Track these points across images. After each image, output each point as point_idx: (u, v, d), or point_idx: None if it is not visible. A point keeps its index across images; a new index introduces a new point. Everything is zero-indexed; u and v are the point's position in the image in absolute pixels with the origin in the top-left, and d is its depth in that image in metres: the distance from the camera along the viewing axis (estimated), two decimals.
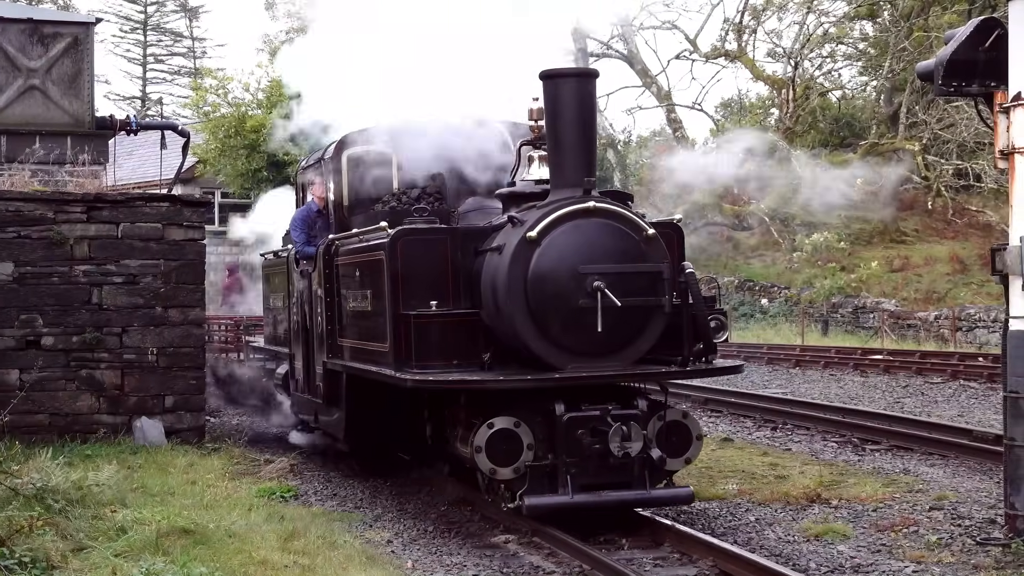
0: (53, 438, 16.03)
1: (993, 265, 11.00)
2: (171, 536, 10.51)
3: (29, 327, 16.77)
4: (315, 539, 10.95)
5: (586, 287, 10.21)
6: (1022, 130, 10.55)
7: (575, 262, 10.31)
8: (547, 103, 11.10)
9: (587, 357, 10.57)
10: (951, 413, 20.47)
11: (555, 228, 10.37)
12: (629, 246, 10.61)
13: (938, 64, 11.06)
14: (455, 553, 10.86)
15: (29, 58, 21.49)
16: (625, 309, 10.34)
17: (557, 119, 10.89)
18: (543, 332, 10.44)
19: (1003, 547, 10.48)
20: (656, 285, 10.53)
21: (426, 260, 11.28)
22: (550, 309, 10.42)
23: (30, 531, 10.32)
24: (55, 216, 16.96)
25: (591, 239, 10.48)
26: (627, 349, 10.75)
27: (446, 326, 10.96)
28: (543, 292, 10.34)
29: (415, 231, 11.42)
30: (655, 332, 10.84)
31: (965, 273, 45.14)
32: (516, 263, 10.29)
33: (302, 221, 14.68)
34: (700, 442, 11.23)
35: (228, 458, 15.72)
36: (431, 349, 10.80)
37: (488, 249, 11.10)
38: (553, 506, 10.14)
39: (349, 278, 12.99)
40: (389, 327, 11.26)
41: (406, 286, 11.10)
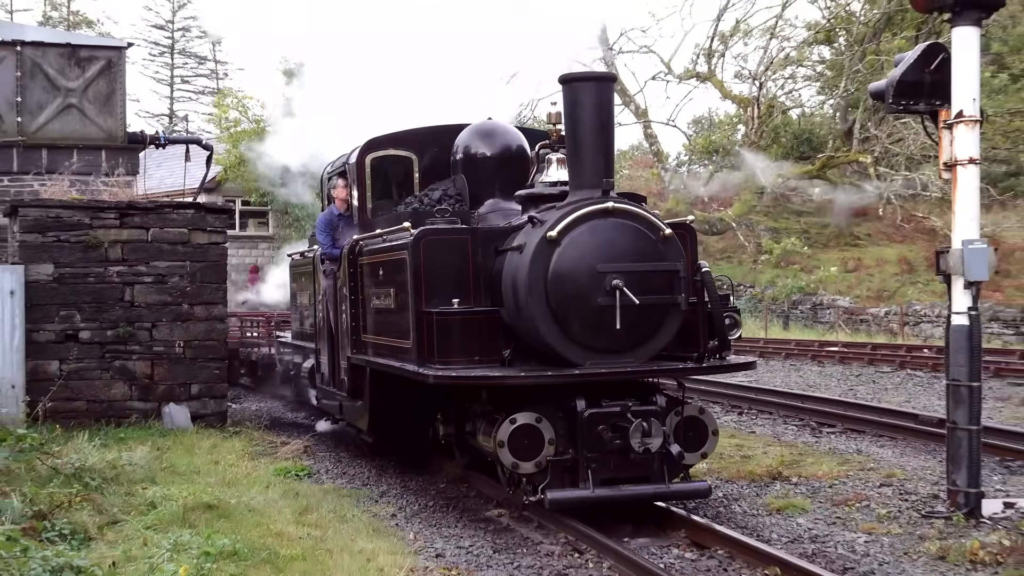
0: (90, 423, 16.06)
1: (937, 266, 11.03)
2: (196, 511, 10.52)
3: (68, 322, 16.79)
4: (326, 513, 10.97)
5: (605, 286, 9.62)
6: (964, 145, 10.60)
7: (594, 261, 9.71)
8: (566, 106, 10.46)
9: (605, 354, 9.95)
10: (899, 399, 20.50)
11: (574, 228, 9.78)
12: (646, 245, 10.01)
13: (889, 85, 11.09)
14: (452, 526, 10.87)
15: (67, 79, 21.49)
16: (643, 307, 9.73)
17: (576, 122, 10.31)
18: (563, 329, 9.83)
19: (945, 519, 10.51)
20: (672, 283, 10.04)
21: (448, 259, 10.66)
22: (570, 307, 9.82)
23: (69, 506, 10.33)
24: (91, 222, 16.97)
25: (609, 239, 9.87)
26: (644, 346, 10.12)
27: (467, 323, 10.28)
28: (563, 291, 9.75)
29: (437, 231, 10.83)
30: (671, 329, 10.23)
31: (912, 273, 45.21)
32: (536, 262, 9.73)
33: (326, 224, 14.18)
34: (716, 437, 10.63)
35: (248, 440, 15.72)
36: (453, 346, 10.17)
37: (508, 249, 10.48)
38: (575, 500, 9.59)
39: (373, 277, 12.29)
40: (412, 324, 10.63)
41: (428, 284, 10.50)
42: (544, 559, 9.57)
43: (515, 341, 10.28)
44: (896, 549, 9.68)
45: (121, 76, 22.10)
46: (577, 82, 10.22)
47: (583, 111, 10.16)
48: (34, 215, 16.87)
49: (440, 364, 10.09)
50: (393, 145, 13.46)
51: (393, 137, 13.51)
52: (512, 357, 10.17)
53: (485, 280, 10.73)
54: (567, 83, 10.27)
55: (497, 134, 12.53)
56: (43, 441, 12.89)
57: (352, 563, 9.08)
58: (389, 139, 13.49)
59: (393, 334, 11.51)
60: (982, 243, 10.73)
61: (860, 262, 48.69)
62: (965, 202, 10.76)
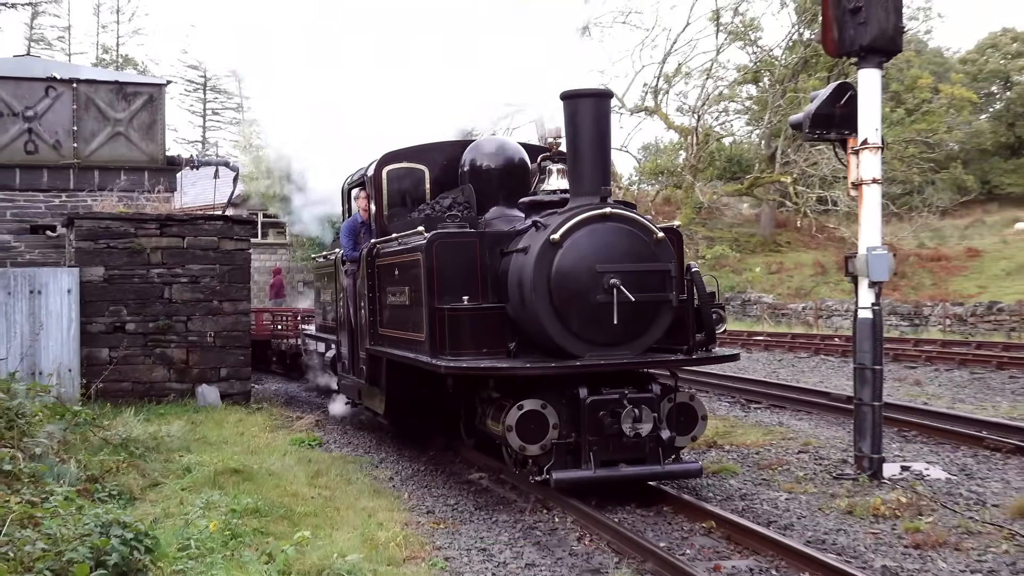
0: (134, 401, 16.07)
1: (846, 269, 11.09)
2: (225, 475, 10.50)
3: (116, 316, 16.81)
4: (335, 477, 10.97)
5: (603, 284, 9.11)
6: (868, 167, 10.64)
7: (593, 262, 9.17)
8: (567, 120, 9.87)
9: (604, 347, 9.36)
10: (814, 380, 20.57)
11: (575, 231, 9.24)
12: (641, 247, 9.44)
13: (806, 117, 11.12)
14: (441, 487, 10.88)
15: (115, 111, 21.45)
16: (638, 304, 9.21)
17: (576, 134, 9.75)
18: (565, 324, 9.26)
19: (852, 480, 10.56)
20: (664, 282, 9.50)
21: (458, 260, 10.13)
22: (571, 304, 9.24)
23: (117, 471, 10.31)
24: (135, 231, 17.02)
25: (607, 241, 9.33)
26: (639, 339, 9.51)
27: (476, 318, 9.75)
28: (565, 289, 9.20)
29: (449, 234, 10.30)
30: (664, 324, 9.63)
31: (825, 275, 45.45)
32: (541, 263, 9.19)
33: (349, 230, 13.49)
34: (705, 422, 10.02)
35: (268, 416, 15.71)
36: (463, 339, 9.64)
37: (513, 251, 9.92)
38: (578, 480, 9.02)
39: (389, 276, 11.65)
40: (425, 319, 10.07)
41: (441, 283, 9.97)
42: (517, 515, 9.58)
43: (520, 334, 9.80)
44: (811, 505, 9.71)
45: (161, 108, 22.06)
46: (577, 98, 9.72)
47: (582, 124, 9.69)
48: (87, 226, 16.95)
49: (451, 355, 9.65)
50: (406, 159, 12.88)
51: (406, 151, 12.96)
52: (517, 349, 9.74)
53: (492, 279, 10.22)
54: (568, 99, 9.77)
55: (501, 148, 12.05)
56: (95, 416, 12.83)
57: (356, 518, 9.08)
58: (403, 153, 12.93)
59: (407, 328, 10.96)
60: (883, 250, 10.79)
61: (782, 265, 48.99)
62: (869, 215, 10.81)
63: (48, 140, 21.06)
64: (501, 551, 8.36)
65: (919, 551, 8.12)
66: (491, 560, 8.11)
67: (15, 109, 20.86)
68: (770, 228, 53.49)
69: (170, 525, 8.20)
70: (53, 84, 21.26)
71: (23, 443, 9.28)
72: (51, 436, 10.17)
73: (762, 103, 48.47)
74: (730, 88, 49.11)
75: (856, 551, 8.18)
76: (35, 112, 21.00)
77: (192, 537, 7.75)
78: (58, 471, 9.00)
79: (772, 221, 53.61)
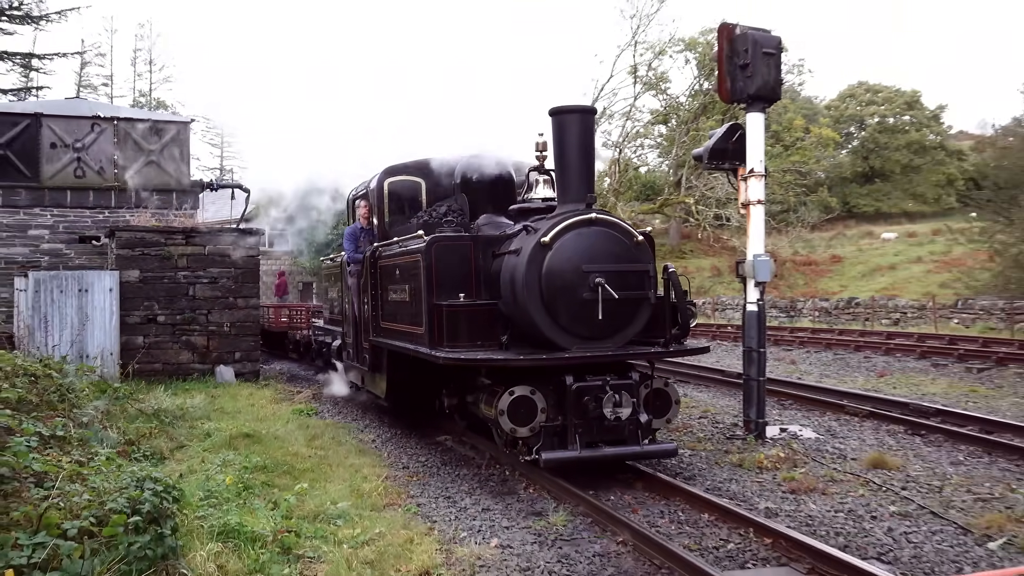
0: (164, 378, 16.05)
1: (737, 271, 11.18)
2: (238, 439, 10.43)
3: (149, 310, 16.69)
4: (328, 439, 10.89)
5: (589, 283, 8.32)
6: (754, 191, 10.73)
7: (580, 262, 8.36)
8: (555, 134, 8.99)
9: (589, 339, 8.50)
10: (712, 360, 20.74)
11: (564, 235, 8.43)
12: (622, 250, 8.59)
13: (705, 151, 11.20)
14: (414, 448, 10.84)
15: (149, 144, 21.30)
16: (620, 300, 8.40)
17: (564, 146, 8.88)
18: (554, 319, 8.40)
19: (742, 440, 10.65)
20: (643, 281, 8.67)
21: (454, 261, 9.27)
22: (559, 300, 8.38)
23: (150, 436, 10.21)
24: (165, 241, 16.92)
25: (592, 244, 8.49)
26: (620, 333, 8.63)
27: (471, 313, 8.84)
28: (554, 286, 8.35)
29: (446, 238, 9.42)
30: (643, 319, 8.75)
31: (720, 276, 45.73)
32: (532, 263, 8.37)
33: (352, 236, 12.48)
34: (678, 406, 9.11)
35: (274, 390, 15.59)
36: (459, 332, 8.76)
37: (505, 252, 9.06)
38: (565, 459, 8.14)
39: (390, 276, 10.69)
40: (425, 314, 9.16)
41: (439, 282, 9.12)
42: (475, 469, 9.57)
43: (511, 328, 8.84)
44: (710, 460, 9.78)
45: (186, 141, 21.93)
46: (564, 114, 8.84)
47: (569, 137, 8.83)
48: (126, 236, 16.86)
49: (448, 347, 8.74)
50: (405, 172, 11.94)
51: (405, 166, 11.98)
52: (508, 341, 8.77)
53: (485, 278, 9.35)
54: (556, 115, 8.89)
55: (491, 162, 10.96)
56: (132, 391, 12.77)
57: (345, 472, 9.04)
58: (402, 167, 11.97)
59: (407, 322, 10.02)
60: (766, 257, 10.89)
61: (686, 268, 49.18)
62: (755, 229, 10.91)
63: (94, 167, 20.93)
64: (463, 498, 8.35)
65: (794, 495, 8.21)
66: (455, 505, 8.11)
67: (67, 142, 20.76)
68: (677, 239, 53.70)
69: (193, 479, 8.13)
70: (98, 121, 21.18)
71: (73, 413, 9.17)
72: (96, 408, 10.06)
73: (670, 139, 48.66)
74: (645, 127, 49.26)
75: (744, 496, 8.24)
76: (83, 144, 20.88)
77: (211, 489, 7.71)
78: (101, 436, 8.90)
79: (678, 233, 53.82)
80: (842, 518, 7.50)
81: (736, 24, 10.72)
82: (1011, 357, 18.25)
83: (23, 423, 7.10)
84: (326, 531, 6.83)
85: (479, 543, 6.89)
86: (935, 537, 6.96)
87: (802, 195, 46.43)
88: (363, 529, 6.90)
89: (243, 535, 6.33)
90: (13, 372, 9.33)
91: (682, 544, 6.63)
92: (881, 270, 41.17)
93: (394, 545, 6.56)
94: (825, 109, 58.27)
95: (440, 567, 6.21)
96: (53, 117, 20.88)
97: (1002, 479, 8.76)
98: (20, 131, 20.41)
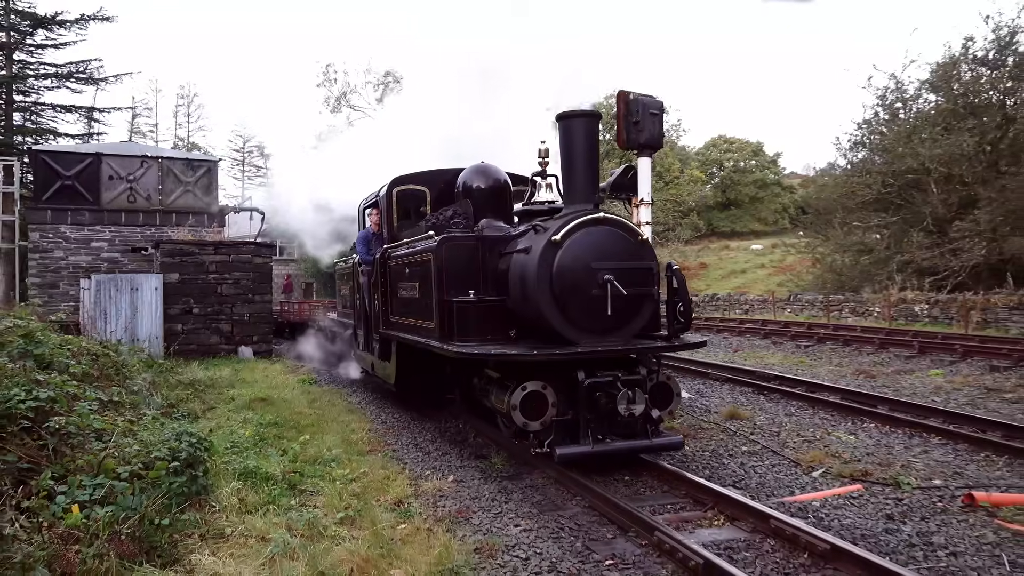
0: (198, 356, 15.76)
1: None
2: (255, 402, 10.25)
3: (186, 304, 16.39)
4: (325, 402, 10.75)
5: (598, 279, 6.75)
6: (643, 215, 10.82)
7: (589, 260, 6.81)
8: (562, 138, 7.39)
9: (597, 334, 6.85)
10: None
11: (573, 233, 6.85)
12: (628, 248, 7.05)
13: (607, 185, 11.25)
14: (391, 409, 10.72)
15: (186, 177, 20.93)
16: (627, 296, 6.81)
17: (571, 149, 7.28)
18: (564, 314, 6.79)
19: None
20: (648, 278, 7.14)
21: (463, 260, 7.66)
22: (569, 296, 6.77)
23: (187, 400, 10.00)
24: (199, 251, 16.62)
25: (600, 242, 6.93)
26: (626, 327, 7.00)
27: (481, 309, 7.30)
28: (564, 283, 6.77)
29: (456, 238, 7.83)
30: (647, 314, 7.15)
31: None
32: (543, 260, 6.80)
33: (364, 239, 10.90)
34: (679, 397, 7.31)
35: (284, 365, 15.33)
36: (470, 327, 7.24)
37: (512, 251, 7.46)
38: (578, 455, 6.47)
39: (400, 274, 9.13)
40: (435, 309, 7.57)
41: (449, 279, 7.52)
42: (437, 423, 9.51)
43: (519, 323, 7.25)
44: None
45: (215, 175, 21.57)
46: (571, 118, 7.21)
47: (576, 141, 7.23)
48: (168, 248, 16.55)
49: (459, 341, 7.19)
50: (412, 181, 10.42)
51: (412, 176, 10.44)
52: (517, 336, 7.25)
53: (492, 276, 7.73)
54: (563, 119, 7.27)
55: (489, 173, 9.25)
56: (172, 367, 12.51)
57: (338, 427, 8.92)
58: (409, 177, 10.41)
59: (417, 316, 8.41)
60: None
61: None
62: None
63: (143, 194, 20.52)
64: (427, 445, 8.29)
65: None
66: (421, 450, 8.04)
67: (121, 175, 20.34)
68: None
69: (221, 433, 7.95)
70: (146, 159, 20.84)
71: (126, 384, 8.95)
72: (144, 379, 9.82)
73: None
74: None
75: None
76: (134, 177, 20.46)
77: (234, 440, 7.56)
78: (148, 401, 8.68)
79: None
80: (708, 455, 7.59)
81: (631, 92, 10.81)
82: (828, 336, 18.67)
83: (86, 391, 6.91)
84: (323, 471, 6.73)
85: (439, 479, 6.84)
86: (774, 469, 7.09)
87: (678, 218, 47.08)
88: (351, 469, 6.81)
89: (259, 475, 6.22)
90: (79, 352, 9.08)
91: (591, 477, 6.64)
92: (735, 274, 41.86)
93: (375, 481, 6.50)
94: (695, 155, 59.10)
95: (410, 497, 6.16)
96: (111, 156, 20.48)
97: (822, 426, 8.95)
98: (85, 167, 19.99)
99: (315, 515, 5.34)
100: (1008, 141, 23.45)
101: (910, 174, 25.04)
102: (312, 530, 5.12)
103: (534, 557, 4.94)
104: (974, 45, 24.37)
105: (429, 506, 6.01)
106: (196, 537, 4.85)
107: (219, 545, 4.81)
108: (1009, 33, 23.51)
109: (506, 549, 5.07)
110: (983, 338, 16.13)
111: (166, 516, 4.79)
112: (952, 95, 24.67)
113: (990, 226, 22.39)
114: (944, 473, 6.82)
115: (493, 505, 6.12)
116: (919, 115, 26.09)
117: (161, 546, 4.55)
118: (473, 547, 5.04)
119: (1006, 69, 23.60)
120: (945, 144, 23.55)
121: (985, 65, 24.19)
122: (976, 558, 4.82)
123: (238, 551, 4.72)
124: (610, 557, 4.95)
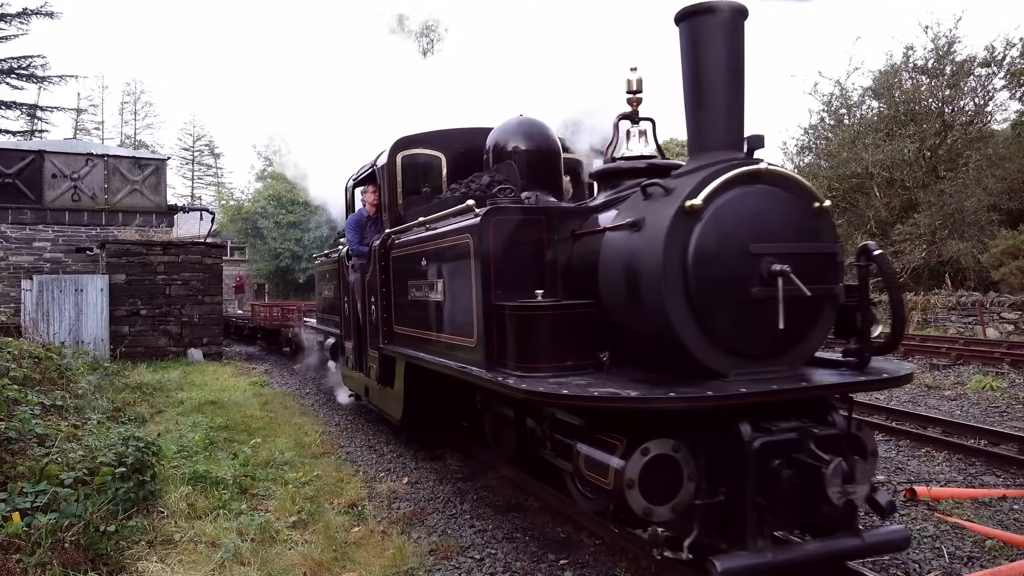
0: (146, 359, 15.38)
1: None
2: (205, 405, 10.05)
3: (133, 305, 15.98)
4: (277, 405, 10.59)
5: (761, 271, 3.82)
6: None
7: (746, 240, 3.84)
8: (685, 49, 4.17)
9: (751, 359, 3.93)
10: None
11: (719, 196, 3.86)
12: (804, 221, 4.03)
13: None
14: (340, 412, 10.60)
15: (133, 176, 20.50)
16: (804, 300, 3.85)
17: (699, 67, 4.11)
18: (704, 328, 3.83)
19: None
20: (832, 269, 4.11)
21: (522, 244, 4.72)
22: (715, 299, 3.81)
23: (134, 404, 9.77)
24: (147, 252, 16.22)
25: (760, 211, 3.91)
26: (796, 349, 4.07)
27: (559, 320, 4.21)
28: (707, 277, 3.80)
29: (508, 210, 4.76)
30: (827, 327, 4.18)
31: None
32: (671, 241, 3.82)
33: (355, 224, 7.87)
34: (875, 458, 4.24)
35: (234, 367, 15.09)
36: (537, 347, 4.20)
37: (596, 230, 4.55)
38: (753, 568, 3.43)
39: (411, 268, 6.13)
40: (477, 319, 4.67)
41: (500, 273, 4.63)
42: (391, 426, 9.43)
43: (614, 341, 4.33)
44: None
45: (164, 174, 21.14)
46: (703, 14, 4.08)
47: (712, 51, 4.08)
48: (114, 248, 16.13)
49: (519, 369, 4.25)
50: (422, 144, 7.21)
51: (423, 136, 7.25)
52: (610, 360, 4.30)
53: (563, 267, 4.81)
54: (688, 17, 4.14)
55: (535, 130, 6.07)
56: (119, 369, 12.25)
57: (291, 429, 8.80)
58: (419, 139, 7.25)
59: (441, 329, 5.47)
60: None
61: None
62: None
63: (88, 193, 20.05)
64: (381, 447, 8.23)
65: None
66: (375, 452, 7.97)
67: (65, 173, 19.80)
68: None
69: (169, 437, 7.77)
70: (91, 157, 20.29)
71: (70, 387, 8.70)
72: (89, 382, 9.58)
73: None
74: None
75: None
76: (79, 175, 19.94)
77: (184, 444, 7.40)
78: (94, 405, 8.46)
79: None
80: None
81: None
82: None
83: (27, 395, 6.70)
84: (275, 475, 6.63)
85: (394, 480, 6.79)
86: None
87: None
88: (304, 472, 6.72)
89: (209, 480, 6.10)
90: (20, 355, 8.80)
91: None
92: None
93: (329, 484, 6.42)
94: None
95: (364, 500, 6.10)
96: (54, 153, 19.90)
97: None
98: (26, 164, 19.38)
99: (267, 519, 5.26)
100: (946, 147, 24.31)
101: (854, 178, 25.74)
102: (264, 534, 5.04)
103: (488, 558, 4.94)
104: (914, 54, 25.22)
105: (384, 508, 5.96)
106: (144, 544, 4.74)
107: (168, 551, 4.70)
108: (947, 43, 24.36)
109: (461, 550, 5.05)
110: (924, 337, 16.66)
111: (112, 523, 4.67)
112: (894, 102, 25.46)
113: (929, 229, 23.15)
114: (887, 468, 7.01)
115: (448, 506, 6.09)
116: (862, 121, 26.85)
117: (107, 554, 4.43)
118: (428, 549, 5.02)
119: (944, 78, 24.43)
120: (887, 150, 24.30)
121: (924, 74, 25.03)
122: (918, 551, 4.96)
123: (187, 557, 4.63)
124: (564, 556, 4.98)
